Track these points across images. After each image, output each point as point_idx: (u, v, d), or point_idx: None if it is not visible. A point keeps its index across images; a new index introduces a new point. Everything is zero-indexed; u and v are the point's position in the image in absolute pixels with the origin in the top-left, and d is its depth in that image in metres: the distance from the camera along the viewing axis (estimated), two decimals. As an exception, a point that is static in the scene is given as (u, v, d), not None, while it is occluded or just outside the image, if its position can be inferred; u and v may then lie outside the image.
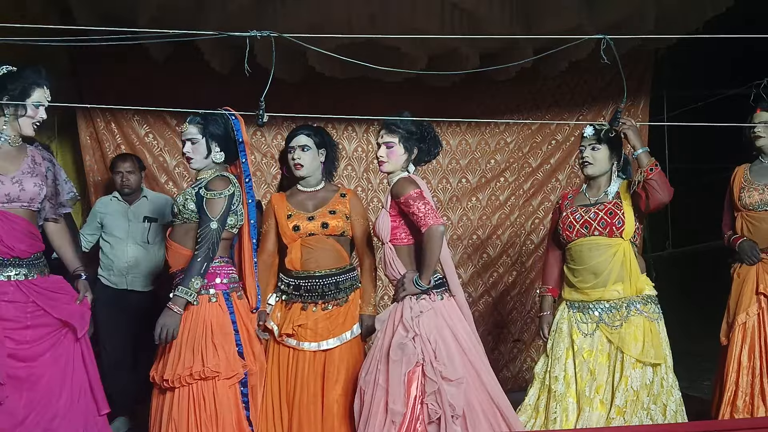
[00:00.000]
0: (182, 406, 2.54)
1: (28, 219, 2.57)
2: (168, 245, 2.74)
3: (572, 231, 2.97)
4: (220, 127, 2.70)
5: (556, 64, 4.48)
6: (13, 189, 2.50)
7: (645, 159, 2.82)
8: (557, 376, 2.94)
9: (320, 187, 3.12)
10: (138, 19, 3.69)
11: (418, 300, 2.70)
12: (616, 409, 2.80)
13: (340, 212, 3.03)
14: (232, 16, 3.59)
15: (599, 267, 2.90)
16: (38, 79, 2.59)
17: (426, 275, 2.68)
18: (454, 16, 3.78)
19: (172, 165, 4.67)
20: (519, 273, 5.08)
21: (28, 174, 2.56)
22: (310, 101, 4.75)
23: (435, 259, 2.69)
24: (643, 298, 2.91)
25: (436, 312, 2.70)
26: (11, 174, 2.52)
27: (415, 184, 2.74)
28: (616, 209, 2.90)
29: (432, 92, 4.84)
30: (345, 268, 3.05)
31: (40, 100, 2.59)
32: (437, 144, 2.92)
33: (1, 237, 2.48)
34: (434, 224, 2.65)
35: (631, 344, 2.83)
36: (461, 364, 2.64)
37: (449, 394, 2.56)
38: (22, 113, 2.54)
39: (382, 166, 2.83)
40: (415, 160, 2.87)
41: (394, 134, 2.79)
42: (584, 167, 3.01)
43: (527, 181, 5.12)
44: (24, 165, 2.57)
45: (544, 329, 3.10)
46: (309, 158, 3.03)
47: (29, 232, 2.57)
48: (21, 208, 2.55)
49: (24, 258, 2.54)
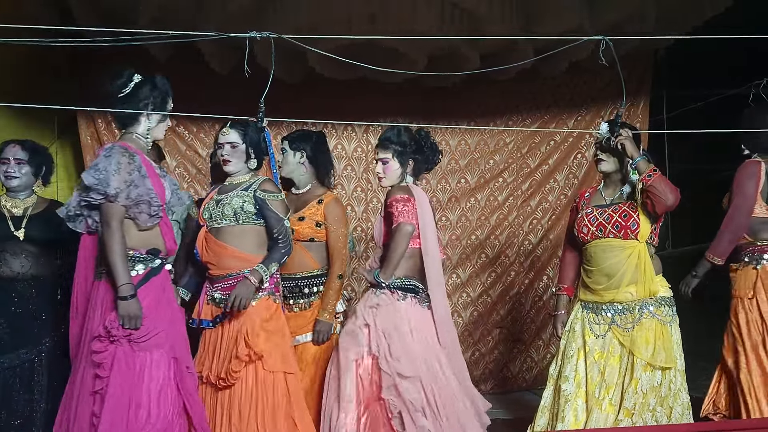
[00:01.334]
0: (244, 399, 2.65)
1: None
2: (219, 248, 2.77)
3: (587, 233, 2.97)
4: (257, 135, 2.84)
5: (556, 65, 4.47)
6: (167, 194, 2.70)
7: (643, 166, 2.81)
8: (567, 375, 2.94)
9: (305, 190, 3.18)
10: (138, 19, 3.69)
11: (378, 293, 2.77)
12: (625, 411, 2.80)
13: (309, 218, 3.06)
14: (232, 17, 3.59)
15: (613, 269, 2.90)
16: (170, 89, 2.72)
17: (386, 270, 2.76)
18: (454, 16, 3.78)
19: (173, 165, 4.67)
20: (517, 273, 5.08)
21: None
22: (309, 102, 4.76)
23: (397, 256, 2.75)
24: (657, 300, 2.89)
25: (396, 309, 2.75)
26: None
27: (406, 191, 2.80)
28: (631, 211, 2.89)
29: (432, 92, 4.84)
30: (311, 274, 3.08)
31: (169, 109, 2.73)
32: (435, 152, 2.99)
33: (167, 237, 2.66)
34: (404, 221, 2.71)
35: (642, 347, 2.82)
36: (421, 362, 2.68)
37: (405, 390, 2.61)
38: (162, 120, 2.69)
39: (381, 181, 2.94)
40: (415, 171, 2.93)
41: (388, 150, 2.89)
42: (598, 164, 3.03)
43: (526, 182, 5.12)
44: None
45: (558, 328, 3.11)
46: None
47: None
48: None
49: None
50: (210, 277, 2.84)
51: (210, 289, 2.84)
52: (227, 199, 2.80)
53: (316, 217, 3.05)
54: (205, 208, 2.87)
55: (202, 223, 2.87)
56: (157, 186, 2.56)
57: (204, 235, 2.84)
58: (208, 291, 2.85)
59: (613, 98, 5.04)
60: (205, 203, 2.89)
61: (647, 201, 2.81)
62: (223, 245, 2.77)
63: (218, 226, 2.80)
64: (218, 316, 2.78)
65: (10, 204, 3.12)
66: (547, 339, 5.07)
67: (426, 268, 2.81)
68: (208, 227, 2.84)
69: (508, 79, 4.77)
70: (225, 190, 2.88)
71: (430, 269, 2.81)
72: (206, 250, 2.81)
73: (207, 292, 2.86)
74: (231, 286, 2.74)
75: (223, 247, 2.77)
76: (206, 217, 2.84)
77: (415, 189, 2.85)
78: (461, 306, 4.98)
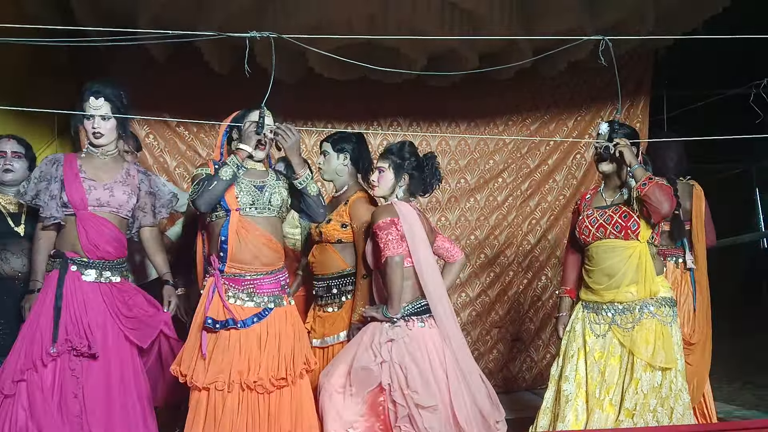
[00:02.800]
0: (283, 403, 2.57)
1: (115, 224, 2.76)
2: (268, 241, 2.64)
3: (588, 234, 2.96)
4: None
5: (555, 64, 4.48)
6: (103, 195, 2.72)
7: (639, 174, 2.80)
8: (568, 375, 2.94)
9: (342, 192, 3.14)
10: (138, 19, 3.70)
11: (393, 327, 2.70)
12: (626, 411, 2.79)
13: (335, 220, 3.03)
14: (233, 17, 3.59)
15: (613, 269, 2.89)
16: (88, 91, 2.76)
17: (392, 306, 2.70)
18: (454, 16, 3.78)
19: (173, 165, 4.67)
20: (516, 273, 5.09)
21: (120, 183, 2.77)
22: (309, 102, 4.76)
23: (397, 288, 2.69)
24: (657, 301, 2.88)
25: (411, 338, 2.69)
26: (104, 182, 2.74)
27: (391, 212, 2.76)
28: (631, 211, 2.89)
29: (431, 92, 4.85)
30: (340, 273, 3.04)
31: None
32: (435, 176, 2.94)
33: (88, 236, 2.67)
34: (391, 255, 2.68)
35: (642, 347, 2.81)
36: (437, 390, 2.64)
37: (425, 420, 2.57)
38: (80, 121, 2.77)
39: (374, 190, 2.92)
40: (410, 188, 2.90)
41: (386, 160, 2.88)
42: (598, 164, 3.02)
43: (525, 182, 5.13)
44: (118, 175, 2.79)
45: (560, 330, 3.10)
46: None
47: (116, 237, 2.74)
48: (110, 213, 2.74)
49: (108, 260, 2.71)
50: (241, 274, 2.61)
51: (239, 287, 2.60)
52: (273, 188, 2.71)
53: (341, 219, 3.02)
54: (243, 192, 2.63)
55: (233, 208, 2.60)
56: (72, 189, 2.67)
57: (245, 222, 2.61)
58: (231, 289, 2.60)
59: (614, 98, 5.03)
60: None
61: (643, 209, 2.81)
62: (270, 237, 2.64)
63: (260, 215, 2.65)
64: (255, 315, 2.59)
65: (5, 201, 3.10)
66: (546, 339, 5.08)
67: (423, 285, 2.76)
68: (244, 215, 2.61)
69: (508, 79, 4.78)
70: (255, 174, 2.70)
71: (427, 285, 2.76)
72: (248, 241, 2.60)
73: (228, 291, 2.59)
74: (276, 283, 2.65)
75: (270, 238, 2.64)
76: (246, 203, 2.63)
77: (399, 205, 2.79)
78: (460, 306, 4.98)
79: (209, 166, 2.70)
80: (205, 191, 2.55)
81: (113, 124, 2.75)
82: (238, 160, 2.59)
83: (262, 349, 2.55)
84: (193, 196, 2.58)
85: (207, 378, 2.48)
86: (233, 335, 2.53)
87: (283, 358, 2.56)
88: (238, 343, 2.53)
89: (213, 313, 2.53)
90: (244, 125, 2.65)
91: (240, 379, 2.49)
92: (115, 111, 2.74)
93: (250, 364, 2.52)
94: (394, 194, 2.88)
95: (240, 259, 2.59)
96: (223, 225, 2.59)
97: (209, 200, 2.56)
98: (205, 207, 2.58)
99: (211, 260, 2.63)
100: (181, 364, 2.54)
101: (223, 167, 2.57)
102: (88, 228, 2.69)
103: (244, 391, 2.51)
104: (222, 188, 2.56)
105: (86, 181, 2.71)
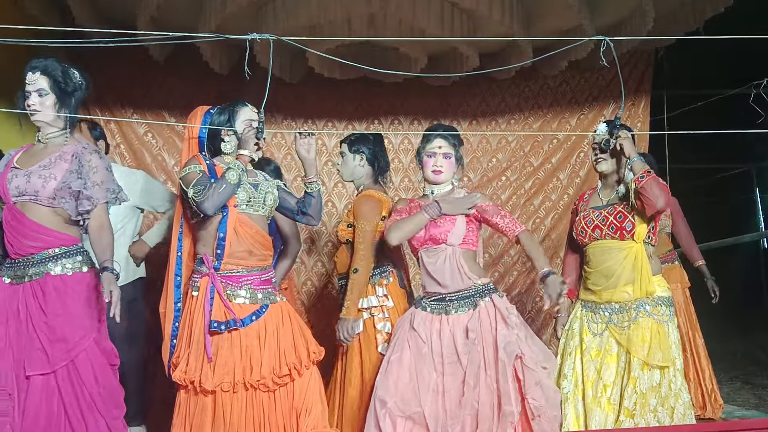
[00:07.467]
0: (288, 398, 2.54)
1: (36, 215, 2.48)
2: (262, 238, 2.61)
3: (585, 235, 2.97)
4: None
5: (555, 64, 4.47)
6: (21, 182, 2.47)
7: (638, 167, 2.80)
8: (566, 373, 2.95)
9: (358, 193, 3.16)
10: (138, 20, 3.69)
11: (501, 297, 2.85)
12: (626, 410, 2.79)
13: (344, 221, 3.09)
14: (232, 17, 3.58)
15: (610, 269, 2.90)
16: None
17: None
18: (454, 16, 3.77)
19: (171, 164, 4.66)
20: (519, 273, 5.07)
21: (43, 168, 2.48)
22: (309, 102, 4.76)
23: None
24: (654, 300, 2.88)
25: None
26: (26, 168, 2.49)
27: (484, 197, 2.92)
28: (626, 212, 2.88)
29: (432, 91, 4.84)
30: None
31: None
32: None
33: (12, 230, 2.46)
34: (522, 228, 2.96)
35: (638, 346, 2.81)
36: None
37: (545, 386, 2.52)
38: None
39: (438, 176, 2.79)
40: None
41: (451, 146, 2.81)
42: (597, 164, 3.02)
43: (528, 181, 5.10)
44: (46, 160, 2.50)
45: (558, 330, 3.11)
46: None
47: (35, 230, 2.47)
48: (30, 202, 2.47)
49: (24, 256, 2.47)
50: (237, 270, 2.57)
51: (236, 285, 2.56)
52: (266, 188, 2.68)
53: (348, 219, 3.06)
54: (240, 189, 2.58)
55: (231, 205, 2.56)
56: (3, 180, 2.47)
57: (242, 219, 2.58)
58: (229, 287, 2.55)
59: (616, 96, 5.02)
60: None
61: (638, 202, 2.80)
62: (263, 234, 2.63)
63: (255, 213, 2.63)
64: (253, 313, 2.54)
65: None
66: (547, 339, 5.07)
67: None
68: (241, 212, 2.59)
69: (509, 78, 4.77)
70: (249, 173, 2.66)
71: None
72: (244, 238, 2.57)
73: (227, 290, 2.54)
74: (268, 280, 2.62)
75: (264, 235, 2.63)
76: (243, 200, 2.60)
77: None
78: (461, 306, 4.97)
79: (199, 161, 2.59)
80: (214, 193, 2.47)
81: (52, 101, 2.52)
82: (242, 164, 2.56)
83: (262, 347, 2.52)
84: (200, 197, 2.46)
85: (214, 381, 2.45)
86: (234, 335, 2.51)
87: (284, 354, 2.53)
88: (239, 343, 2.51)
89: (216, 315, 2.50)
90: (243, 130, 2.61)
91: (244, 378, 2.47)
92: (55, 87, 2.53)
93: (252, 362, 2.50)
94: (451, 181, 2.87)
95: (236, 255, 2.56)
96: (221, 222, 2.55)
97: (218, 203, 2.49)
98: (213, 210, 2.50)
99: (204, 259, 2.56)
100: (187, 372, 2.48)
101: (229, 171, 2.51)
102: (12, 222, 2.47)
103: (248, 390, 2.49)
104: (231, 192, 2.52)
105: (12, 170, 2.50)
